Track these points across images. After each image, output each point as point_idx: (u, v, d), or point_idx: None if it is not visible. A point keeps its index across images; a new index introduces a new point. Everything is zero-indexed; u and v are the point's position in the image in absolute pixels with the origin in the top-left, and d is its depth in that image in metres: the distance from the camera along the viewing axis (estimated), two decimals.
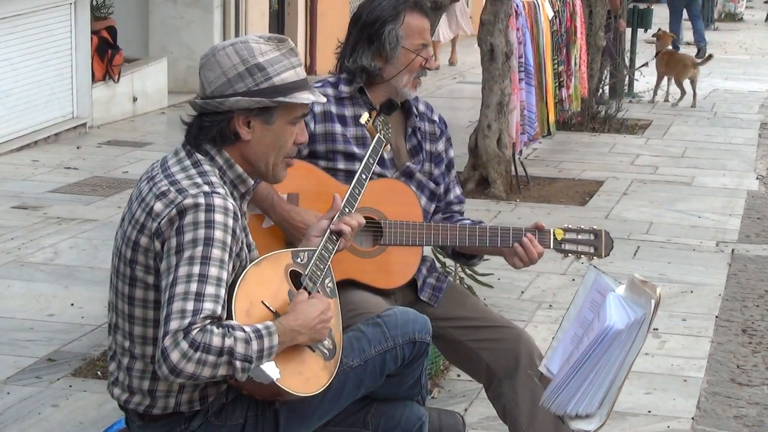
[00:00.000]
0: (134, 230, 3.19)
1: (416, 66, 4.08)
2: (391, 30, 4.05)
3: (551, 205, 8.95)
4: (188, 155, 3.25)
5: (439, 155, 4.26)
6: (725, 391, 5.43)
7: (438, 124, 4.30)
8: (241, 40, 3.26)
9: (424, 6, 4.14)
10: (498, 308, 5.86)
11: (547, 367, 3.37)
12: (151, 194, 3.18)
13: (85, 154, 9.97)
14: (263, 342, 3.04)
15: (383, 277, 4.04)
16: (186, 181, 3.16)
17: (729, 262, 7.51)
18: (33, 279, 6.60)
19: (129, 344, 3.25)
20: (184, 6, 12.88)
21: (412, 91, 4.13)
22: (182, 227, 3.07)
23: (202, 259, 3.03)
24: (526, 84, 9.48)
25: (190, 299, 2.99)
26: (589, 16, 11.91)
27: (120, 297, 3.25)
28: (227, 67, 3.22)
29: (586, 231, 4.08)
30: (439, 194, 4.24)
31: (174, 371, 2.94)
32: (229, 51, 3.23)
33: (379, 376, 3.48)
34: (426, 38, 4.10)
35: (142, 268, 3.18)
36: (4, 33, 9.95)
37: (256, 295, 3.17)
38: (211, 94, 3.22)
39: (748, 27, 25.18)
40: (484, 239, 4.02)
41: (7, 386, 5.13)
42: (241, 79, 3.21)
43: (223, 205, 3.11)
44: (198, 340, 2.95)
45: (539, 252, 4.01)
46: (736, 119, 13.25)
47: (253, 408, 3.31)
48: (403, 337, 3.50)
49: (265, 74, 3.22)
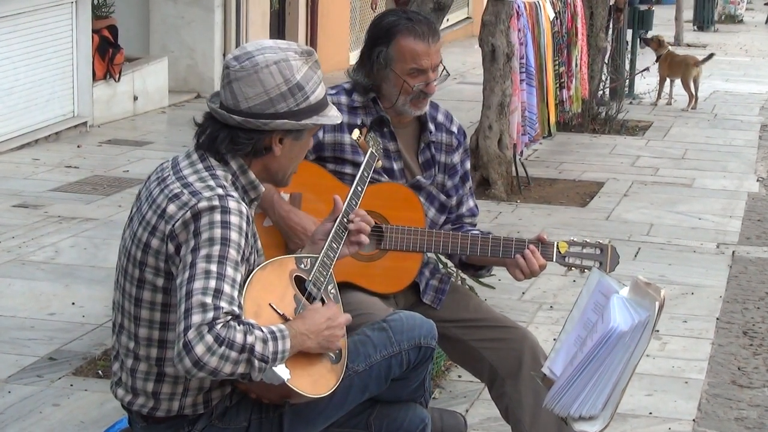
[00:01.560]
0: (145, 232, 3.18)
1: (408, 90, 4.01)
2: (380, 51, 4.00)
3: (552, 206, 8.95)
4: (201, 159, 3.24)
5: (454, 167, 4.22)
6: (726, 393, 5.43)
7: (456, 136, 4.25)
8: (282, 58, 3.22)
9: (420, 30, 3.99)
10: (499, 309, 5.85)
11: (550, 368, 3.37)
12: (162, 196, 3.17)
13: (85, 153, 9.97)
14: (278, 344, 3.04)
15: (382, 281, 4.03)
16: (199, 184, 3.16)
17: (730, 264, 7.51)
18: (34, 278, 6.59)
19: (133, 345, 3.25)
20: (185, 5, 12.88)
21: (414, 110, 4.06)
22: (198, 228, 3.07)
23: (220, 258, 3.03)
24: (527, 85, 9.47)
25: (209, 294, 2.98)
26: (590, 18, 11.91)
27: (127, 298, 3.24)
28: (270, 87, 3.20)
29: (592, 245, 4.02)
30: (450, 206, 4.20)
31: (198, 364, 2.92)
32: (273, 70, 3.20)
33: (384, 381, 3.48)
34: (420, 63, 3.98)
35: (152, 270, 3.17)
36: (5, 31, 9.95)
37: (263, 299, 3.17)
38: (248, 110, 3.20)
39: (748, 29, 25.18)
40: (486, 249, 4.00)
41: (8, 385, 5.12)
42: (284, 99, 3.21)
43: (238, 208, 3.12)
44: (222, 334, 2.94)
45: (541, 264, 3.98)
46: (736, 121, 13.25)
47: (257, 411, 3.30)
48: (408, 342, 3.49)
49: (304, 94, 3.23)
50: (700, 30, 23.72)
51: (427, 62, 4.00)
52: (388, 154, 4.06)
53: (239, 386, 3.25)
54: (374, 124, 3.96)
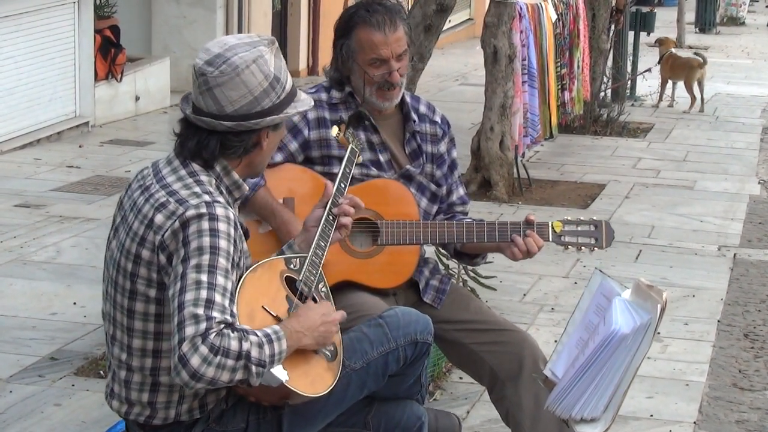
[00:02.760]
0: (134, 243, 3.17)
1: (371, 81, 4.01)
2: (343, 44, 4.03)
3: (553, 207, 8.95)
4: (183, 165, 3.23)
5: (441, 156, 4.24)
6: (727, 396, 5.43)
7: (440, 125, 4.27)
8: (257, 54, 3.19)
9: (376, 20, 4.00)
10: (500, 311, 5.86)
11: (552, 370, 3.37)
12: (148, 205, 3.16)
13: (87, 153, 9.97)
14: (274, 347, 3.04)
15: (382, 277, 4.03)
16: (185, 191, 3.15)
17: (731, 267, 7.51)
18: (35, 278, 6.60)
19: (126, 357, 3.24)
20: (187, 5, 12.89)
21: (382, 101, 4.06)
22: (187, 237, 3.07)
23: (209, 268, 3.03)
24: (529, 86, 9.48)
25: (200, 305, 2.97)
26: (592, 19, 11.92)
27: (119, 310, 3.23)
28: (253, 86, 3.19)
29: (586, 222, 4.08)
30: (441, 196, 4.23)
31: (195, 376, 2.93)
32: (253, 69, 3.18)
33: (382, 378, 3.48)
34: (379, 53, 3.98)
35: (144, 281, 3.16)
36: (8, 31, 9.96)
37: (256, 301, 3.17)
38: (235, 113, 3.18)
39: (750, 31, 25.18)
40: (482, 235, 4.02)
41: (10, 385, 5.13)
42: (266, 95, 3.21)
43: (225, 215, 3.11)
44: (217, 344, 2.94)
45: (539, 245, 4.01)
46: (737, 123, 13.26)
47: (254, 412, 3.30)
48: (405, 338, 3.50)
49: (281, 84, 3.24)
50: (701, 32, 23.72)
51: (386, 51, 3.99)
52: (372, 147, 4.08)
53: (237, 389, 3.25)
54: (353, 118, 3.96)
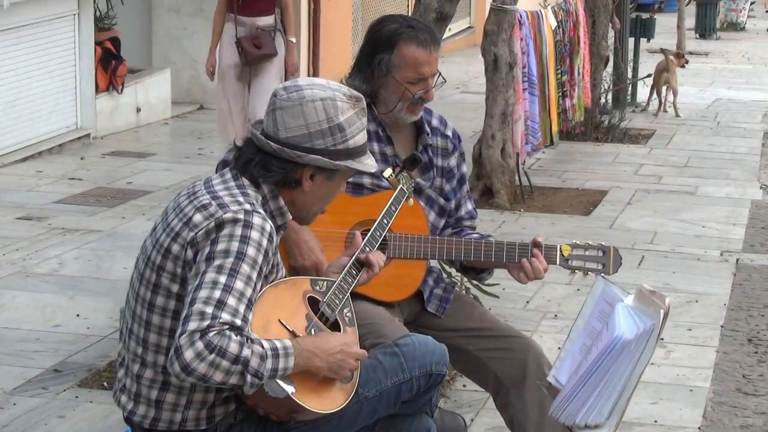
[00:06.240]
0: (168, 237, 3.22)
1: (408, 97, 4.03)
2: (382, 59, 4.01)
3: (555, 214, 8.95)
4: (234, 177, 3.30)
5: (451, 171, 4.24)
6: (731, 401, 5.43)
7: (451, 140, 4.27)
8: (330, 96, 3.27)
9: (423, 38, 4.02)
10: (503, 318, 5.85)
11: (556, 377, 3.37)
12: (191, 206, 3.23)
13: (88, 165, 9.98)
14: (278, 362, 3.05)
15: (387, 289, 4.03)
16: (228, 198, 3.21)
17: (734, 272, 7.51)
18: (38, 290, 6.60)
19: (142, 351, 3.27)
20: (188, 17, 12.89)
21: (410, 116, 4.08)
22: (217, 238, 3.12)
23: (231, 271, 3.07)
24: (529, 94, 9.48)
25: (210, 304, 3.01)
26: (592, 26, 11.92)
27: (140, 302, 3.27)
28: (312, 121, 3.25)
29: (594, 247, 4.06)
30: (449, 210, 4.22)
31: (186, 369, 2.96)
32: (317, 106, 3.25)
33: (393, 406, 3.49)
34: (421, 71, 4.00)
35: (169, 275, 3.21)
36: (9, 44, 9.96)
37: (272, 314, 3.19)
38: (286, 140, 3.25)
39: (750, 36, 25.16)
40: (490, 254, 4.01)
41: (14, 397, 5.13)
42: (322, 136, 3.25)
43: (261, 225, 3.15)
44: (214, 342, 2.96)
45: (545, 268, 4.00)
46: (739, 128, 13.24)
47: (261, 428, 3.30)
48: (420, 369, 3.49)
49: (344, 135, 3.27)
50: (702, 38, 23.70)
51: (428, 70, 4.03)
52: (386, 158, 4.08)
53: (246, 402, 3.25)
54: (407, 162, 3.95)
